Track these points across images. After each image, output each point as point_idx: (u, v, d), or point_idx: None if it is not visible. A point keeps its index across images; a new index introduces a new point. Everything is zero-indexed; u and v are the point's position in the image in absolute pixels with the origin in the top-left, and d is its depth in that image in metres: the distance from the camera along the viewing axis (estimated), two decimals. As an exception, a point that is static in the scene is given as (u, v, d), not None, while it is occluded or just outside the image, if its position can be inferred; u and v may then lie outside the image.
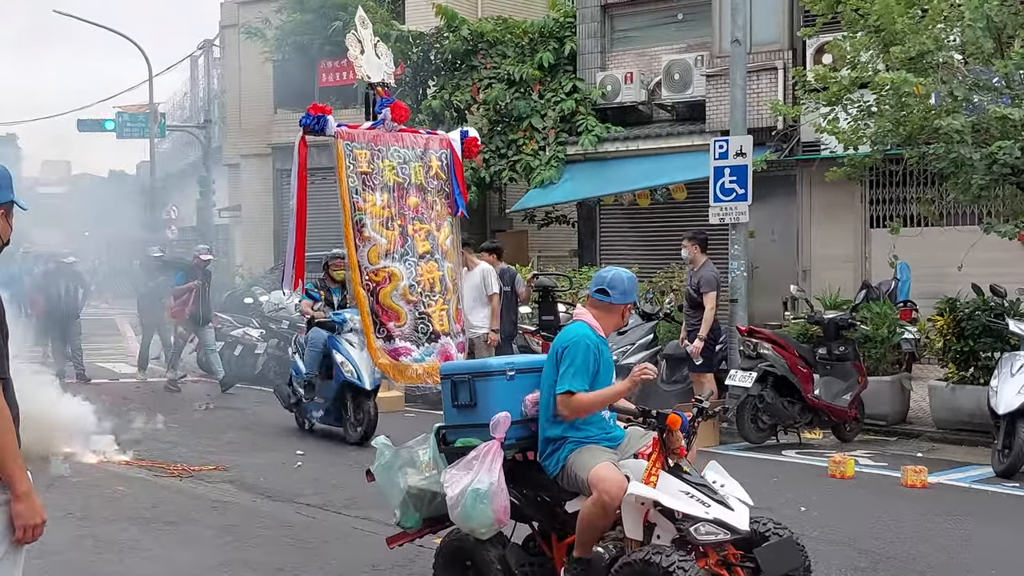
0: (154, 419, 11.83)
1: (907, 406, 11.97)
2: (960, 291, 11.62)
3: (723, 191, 12.32)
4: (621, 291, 5.66)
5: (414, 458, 5.96)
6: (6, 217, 3.83)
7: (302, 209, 6.42)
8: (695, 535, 5.03)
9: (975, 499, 8.61)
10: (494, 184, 19.60)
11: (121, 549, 7.15)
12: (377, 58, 6.76)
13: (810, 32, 12.86)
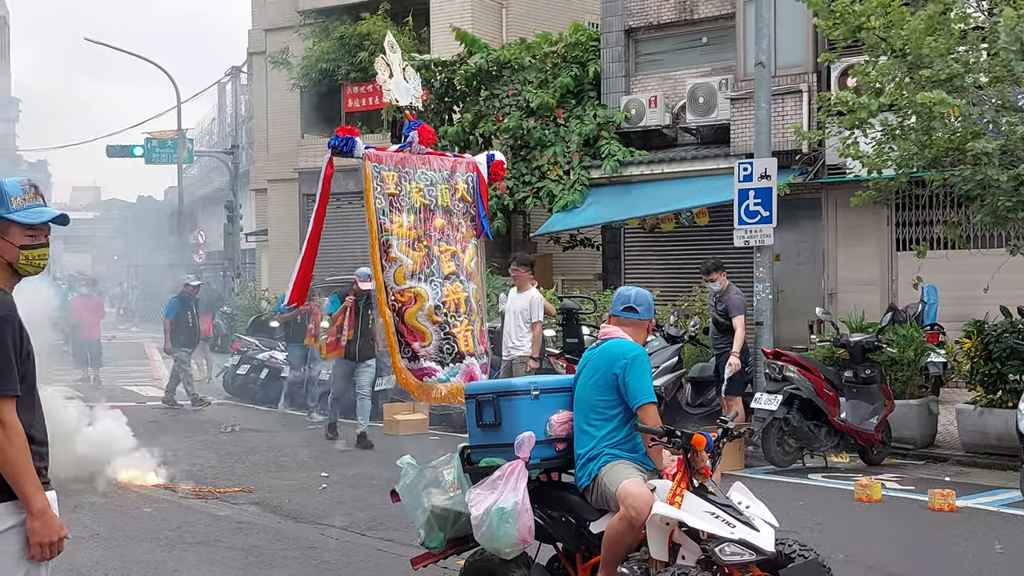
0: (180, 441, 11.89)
1: (935, 429, 11.88)
2: (988, 313, 11.56)
3: (748, 213, 12.32)
4: (646, 307, 5.74)
5: (439, 478, 5.97)
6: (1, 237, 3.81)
7: (317, 230, 6.48)
8: (720, 556, 5.01)
9: (1004, 523, 8.51)
10: (518, 208, 19.65)
11: (146, 570, 7.19)
12: (405, 82, 6.83)
13: (831, 57, 12.87)
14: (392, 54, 6.76)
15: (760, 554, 5.07)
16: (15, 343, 3.71)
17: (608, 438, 5.50)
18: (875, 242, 16.45)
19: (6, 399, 3.64)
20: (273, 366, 16.99)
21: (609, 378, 5.51)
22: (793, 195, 15.69)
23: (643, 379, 5.46)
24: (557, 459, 5.73)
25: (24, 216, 3.76)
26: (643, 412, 5.43)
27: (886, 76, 11.12)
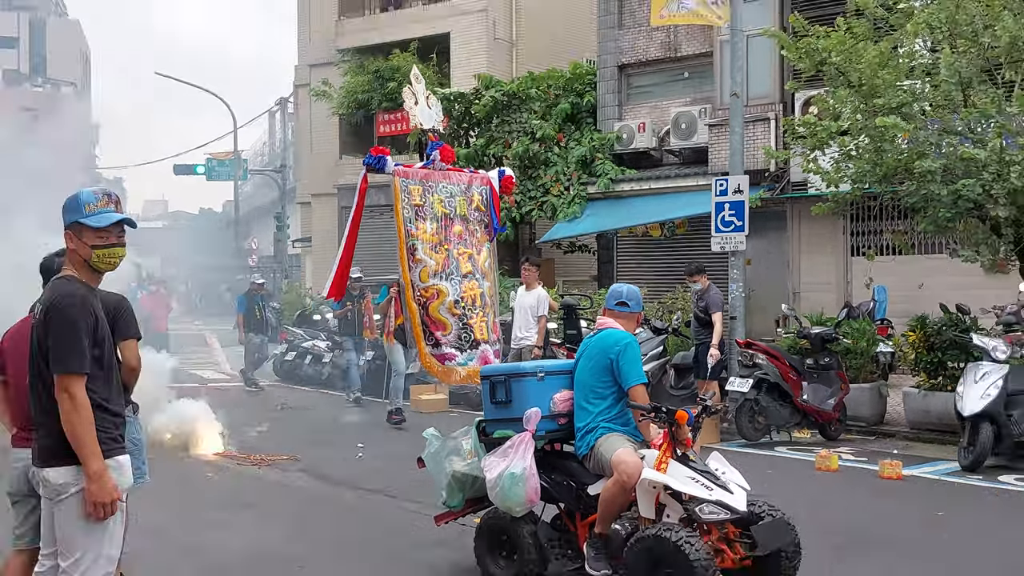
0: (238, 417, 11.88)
1: (884, 409, 11.84)
2: (930, 311, 11.52)
3: (723, 223, 12.31)
4: (636, 301, 5.78)
5: (458, 447, 6.00)
6: (77, 238, 3.82)
7: (353, 235, 6.50)
8: (700, 515, 5.03)
9: (943, 489, 8.49)
10: (524, 219, 19.68)
11: (208, 527, 7.22)
12: (428, 108, 6.84)
13: (796, 86, 12.86)
14: (417, 84, 6.77)
15: (734, 513, 5.08)
16: (89, 328, 3.72)
17: (604, 414, 5.52)
18: (832, 248, 16.43)
19: (77, 376, 3.66)
20: (316, 353, 17.01)
21: (605, 362, 5.52)
22: (762, 208, 15.66)
23: (634, 364, 5.49)
24: (559, 431, 5.76)
25: (93, 220, 3.78)
26: (634, 392, 5.45)
27: (844, 104, 11.10)
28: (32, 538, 4.61)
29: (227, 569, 6.14)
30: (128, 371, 5.33)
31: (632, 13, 19.16)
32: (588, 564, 5.30)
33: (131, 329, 5.30)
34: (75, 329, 3.68)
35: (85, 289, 3.82)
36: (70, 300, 3.73)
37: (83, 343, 3.69)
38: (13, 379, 4.66)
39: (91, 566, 3.76)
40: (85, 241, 3.80)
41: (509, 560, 5.61)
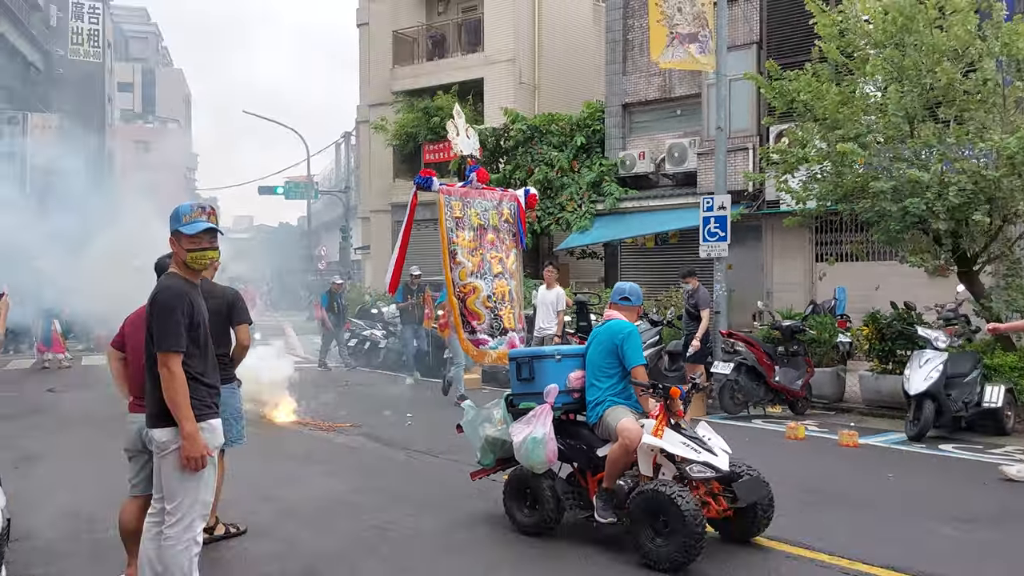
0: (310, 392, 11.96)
1: (843, 389, 11.72)
2: (881, 308, 11.41)
3: (709, 234, 12.23)
4: (637, 296, 5.75)
5: (490, 416, 6.00)
6: (177, 243, 3.91)
7: (405, 241, 6.53)
8: (690, 473, 5.01)
9: (892, 455, 8.39)
10: (544, 231, 19.66)
11: (286, 480, 7.27)
12: (468, 139, 6.86)
13: (771, 121, 12.78)
14: (459, 119, 6.80)
15: (718, 472, 5.06)
16: (184, 313, 3.80)
17: (610, 389, 5.50)
18: (800, 255, 16.29)
19: (173, 353, 3.75)
20: (373, 340, 17.05)
21: (611, 347, 5.51)
22: (742, 222, 15.55)
23: (636, 348, 5.46)
24: (574, 404, 5.75)
25: (187, 228, 3.87)
26: (635, 371, 5.42)
27: (810, 134, 11.01)
28: (145, 487, 4.66)
29: (299, 513, 6.17)
30: (240, 349, 5.42)
31: (634, 61, 19.08)
32: (597, 513, 5.29)
33: (243, 316, 5.40)
34: (171, 315, 3.77)
35: (184, 283, 3.90)
36: (168, 292, 3.83)
37: (179, 326, 3.77)
38: (131, 357, 4.71)
39: (189, 510, 3.82)
40: (182, 245, 3.89)
41: (532, 509, 5.61)
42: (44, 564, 5.02)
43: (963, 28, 9.64)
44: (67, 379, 14.76)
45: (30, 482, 6.82)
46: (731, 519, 5.23)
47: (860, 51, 10.69)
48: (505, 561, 5.13)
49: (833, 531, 5.64)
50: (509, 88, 22.80)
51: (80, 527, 5.70)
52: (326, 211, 49.30)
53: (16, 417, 10.40)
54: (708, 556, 4.96)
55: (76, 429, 9.62)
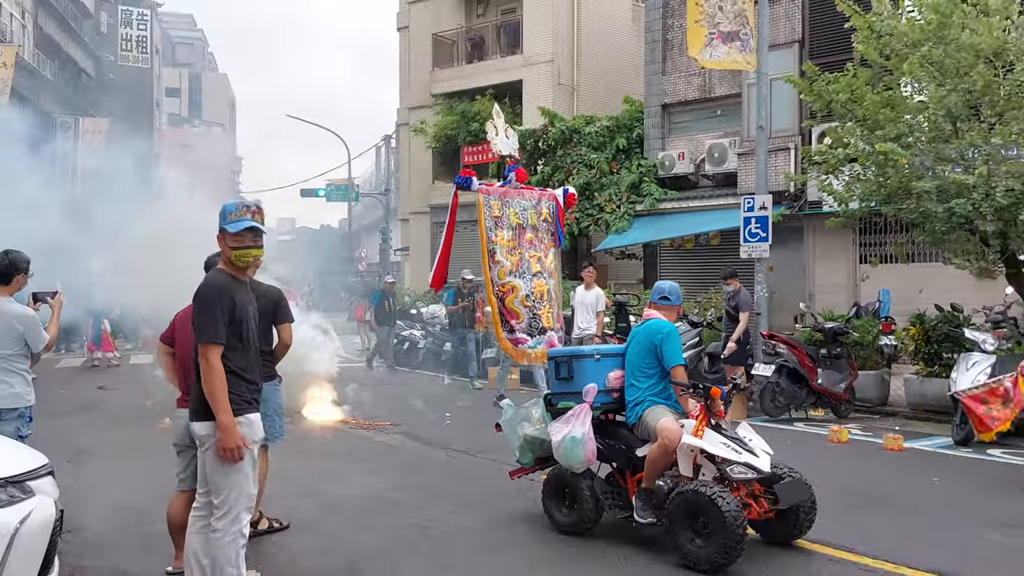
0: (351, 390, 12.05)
1: (887, 393, 11.51)
2: (926, 309, 11.19)
3: (750, 235, 12.10)
4: (676, 296, 5.71)
5: (529, 415, 6.01)
6: (222, 241, 3.95)
7: (448, 240, 6.56)
8: (730, 474, 4.97)
9: (938, 460, 8.22)
10: (583, 233, 19.62)
11: (327, 476, 7.35)
12: (507, 139, 6.87)
13: (811, 124, 12.61)
14: (498, 119, 6.81)
15: (759, 473, 5.01)
16: (224, 308, 3.83)
17: (650, 389, 5.47)
18: (843, 257, 16.02)
19: (212, 345, 3.78)
20: (412, 340, 17.16)
21: (650, 346, 5.48)
22: (784, 224, 15.35)
23: (674, 348, 5.43)
24: (612, 404, 5.73)
25: (231, 227, 3.91)
26: (674, 371, 5.39)
27: (851, 135, 10.84)
28: (192, 481, 4.75)
29: (341, 509, 6.25)
30: (282, 347, 5.50)
31: (673, 61, 18.95)
32: (636, 513, 5.27)
33: (287, 315, 5.48)
34: (211, 308, 3.81)
35: (228, 280, 3.93)
36: (209, 286, 3.89)
37: (217, 320, 3.80)
38: (180, 352, 4.81)
39: (235, 503, 3.88)
40: (227, 243, 3.94)
41: (571, 509, 5.61)
42: (95, 556, 5.15)
43: (996, 30, 9.39)
44: (116, 377, 15.12)
45: (82, 476, 7.00)
46: (772, 521, 5.17)
47: (897, 52, 10.48)
48: (544, 560, 5.14)
49: (877, 535, 5.54)
50: (548, 90, 22.80)
51: (129, 520, 5.84)
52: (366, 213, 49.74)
53: (67, 414, 10.67)
54: (749, 558, 4.91)
55: (125, 425, 9.84)
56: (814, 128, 14.13)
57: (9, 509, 3.62)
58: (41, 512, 3.76)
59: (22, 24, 34.36)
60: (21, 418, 5.16)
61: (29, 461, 4.02)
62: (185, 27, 69.41)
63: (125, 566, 4.98)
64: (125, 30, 46.16)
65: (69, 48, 40.22)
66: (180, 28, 68.17)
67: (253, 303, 4.11)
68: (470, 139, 23.27)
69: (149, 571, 4.89)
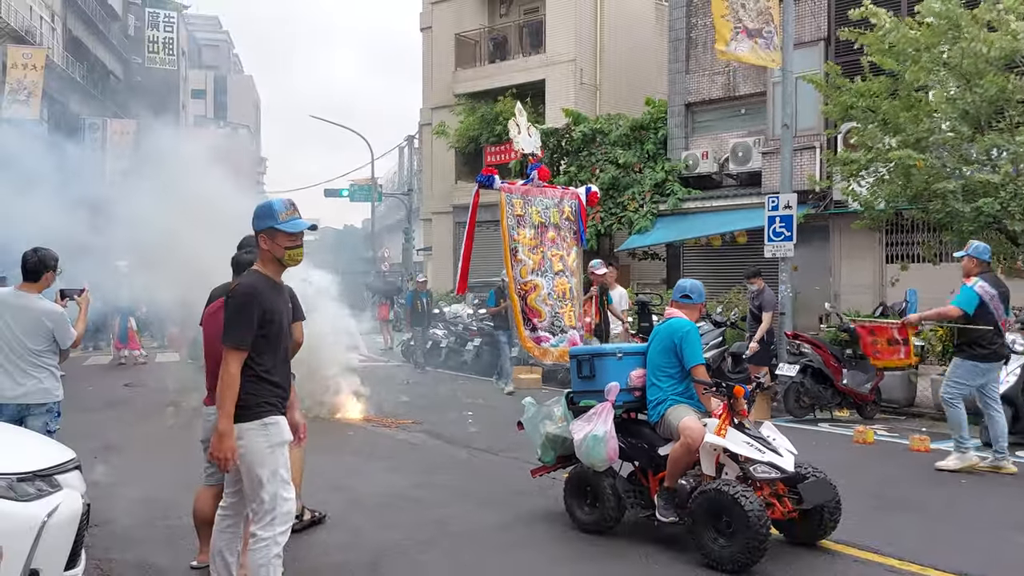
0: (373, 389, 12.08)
1: (914, 393, 11.35)
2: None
3: (775, 234, 12.01)
4: (698, 294, 5.67)
5: (551, 413, 6.00)
6: (271, 240, 3.82)
7: (469, 241, 6.55)
8: (754, 473, 4.93)
9: (967, 462, 8.08)
10: (607, 233, 19.57)
11: (351, 473, 7.40)
12: (529, 136, 6.86)
13: (831, 133, 12.59)
14: (520, 117, 6.80)
15: (783, 473, 4.97)
16: (256, 313, 3.73)
17: (672, 388, 5.45)
18: (870, 256, 15.84)
19: (234, 350, 3.70)
20: (435, 340, 17.21)
21: (670, 345, 5.46)
22: (808, 223, 15.21)
23: (695, 347, 5.39)
24: (635, 402, 5.71)
25: (287, 226, 3.80)
26: (695, 371, 5.37)
27: (873, 139, 10.75)
28: (219, 477, 4.80)
29: (364, 503, 6.28)
30: (294, 345, 5.52)
31: (697, 59, 18.86)
32: (659, 512, 5.25)
33: (298, 313, 5.49)
34: (242, 312, 3.71)
35: (265, 283, 3.83)
36: (245, 290, 3.77)
37: (245, 325, 3.70)
38: (207, 349, 4.85)
39: (269, 507, 3.78)
40: (279, 243, 3.81)
41: (592, 507, 5.60)
42: (121, 549, 5.22)
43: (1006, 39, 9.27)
44: (143, 375, 15.30)
45: (109, 471, 7.09)
46: (796, 521, 5.13)
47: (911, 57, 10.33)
48: (565, 558, 5.13)
49: (903, 536, 5.48)
50: (570, 89, 22.78)
51: (155, 514, 5.91)
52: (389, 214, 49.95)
53: (95, 410, 10.82)
54: (772, 558, 4.87)
55: (152, 421, 9.96)
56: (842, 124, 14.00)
57: (37, 503, 3.68)
58: (68, 506, 3.82)
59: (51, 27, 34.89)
60: (49, 413, 5.25)
61: (57, 455, 4.09)
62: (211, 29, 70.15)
63: (151, 559, 5.04)
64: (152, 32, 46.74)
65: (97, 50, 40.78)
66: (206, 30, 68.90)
67: (287, 304, 4.02)
68: (492, 139, 23.31)
69: (175, 564, 4.94)
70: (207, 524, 4.83)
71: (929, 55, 9.90)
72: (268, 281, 3.86)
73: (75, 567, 3.89)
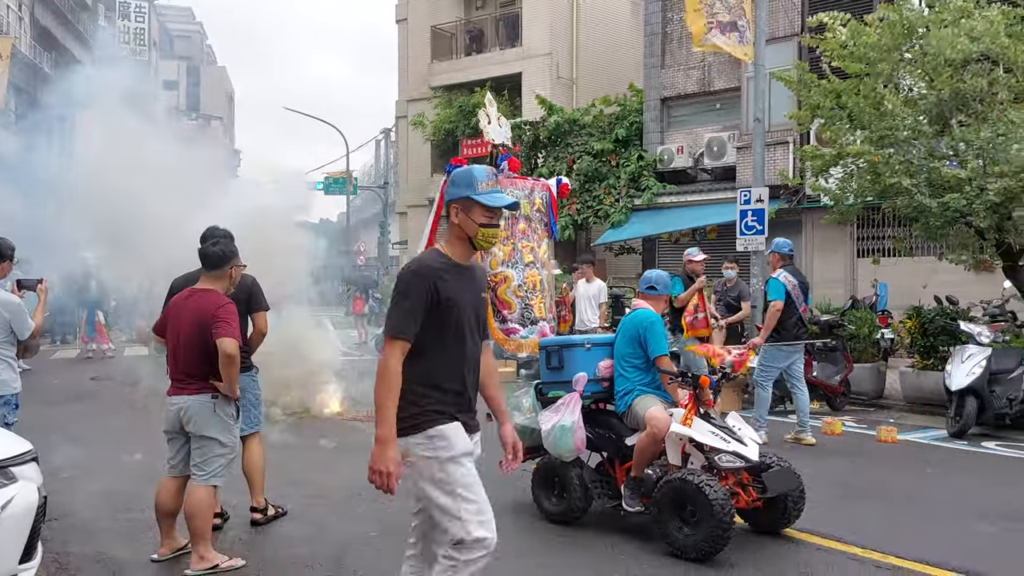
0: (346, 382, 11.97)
1: (883, 385, 11.50)
2: (922, 301, 11.19)
3: (747, 227, 12.08)
4: (664, 285, 5.71)
5: (520, 404, 5.99)
6: (464, 213, 3.18)
7: (434, 228, 6.53)
8: (719, 462, 4.97)
9: (932, 452, 8.21)
10: (583, 225, 19.61)
11: (318, 467, 7.34)
12: (500, 127, 6.86)
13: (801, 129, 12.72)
14: (491, 108, 6.80)
15: (748, 462, 5.00)
16: (424, 298, 3.08)
17: (638, 379, 5.47)
18: (841, 250, 16.03)
19: (396, 340, 3.06)
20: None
21: (635, 336, 5.49)
22: (781, 218, 15.36)
23: (658, 338, 5.41)
24: (602, 393, 5.72)
25: (487, 199, 3.18)
26: (659, 361, 5.39)
27: (841, 135, 10.86)
28: (183, 468, 4.78)
29: (328, 497, 6.25)
30: (257, 335, 5.50)
31: (673, 54, 18.94)
32: (625, 501, 5.27)
33: (262, 303, 5.45)
34: (407, 296, 3.09)
35: (445, 263, 3.18)
36: (413, 267, 3.16)
37: (409, 311, 3.07)
38: (171, 340, 4.79)
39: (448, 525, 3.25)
40: (473, 218, 3.17)
41: (560, 497, 5.61)
42: (81, 543, 5.15)
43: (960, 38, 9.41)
44: (110, 368, 15.11)
45: (70, 463, 6.99)
46: (760, 510, 5.17)
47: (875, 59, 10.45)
48: (531, 549, 5.13)
49: (867, 525, 5.54)
50: (546, 83, 22.78)
51: (117, 507, 5.84)
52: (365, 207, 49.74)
53: (58, 403, 10.67)
54: (737, 547, 4.91)
55: (116, 415, 9.84)
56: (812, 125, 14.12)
57: (-9, 494, 3.62)
58: (24, 498, 3.75)
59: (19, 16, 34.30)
60: (7, 405, 5.16)
61: (12, 447, 4.01)
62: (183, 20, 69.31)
63: (111, 552, 4.97)
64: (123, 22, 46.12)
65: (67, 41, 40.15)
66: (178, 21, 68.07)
67: (474, 292, 3.30)
68: (469, 132, 23.25)
69: (135, 558, 4.88)
70: (169, 516, 4.80)
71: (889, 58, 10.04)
72: (447, 262, 3.19)
73: (31, 560, 3.83)
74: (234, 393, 4.69)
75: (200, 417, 4.65)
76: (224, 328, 4.57)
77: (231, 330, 4.58)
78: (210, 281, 4.81)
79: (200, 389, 4.66)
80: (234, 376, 4.61)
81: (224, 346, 4.51)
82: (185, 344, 4.67)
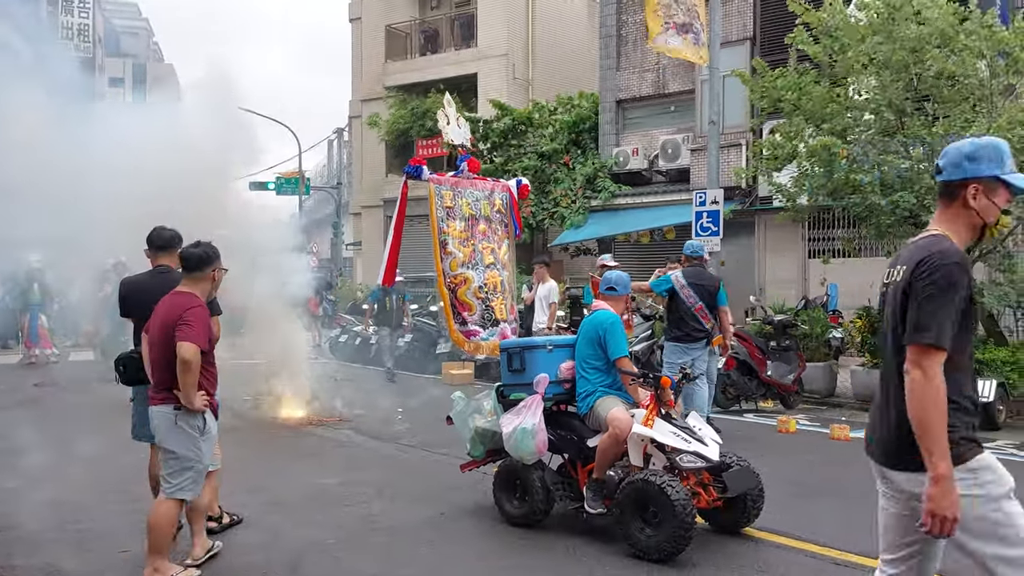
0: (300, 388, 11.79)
1: (835, 384, 11.74)
2: (871, 301, 11.43)
3: (702, 229, 12.24)
4: (623, 286, 5.73)
5: (480, 407, 5.97)
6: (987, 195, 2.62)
7: (398, 232, 6.46)
8: (680, 463, 4.99)
9: (885, 449, 8.37)
10: (539, 227, 19.65)
11: (273, 473, 7.23)
12: (459, 128, 6.82)
13: (757, 123, 12.88)
14: (449, 108, 6.75)
15: (708, 462, 5.04)
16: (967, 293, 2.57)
17: (600, 380, 5.48)
18: (793, 251, 16.31)
19: (936, 351, 2.48)
20: (364, 336, 16.98)
21: (595, 337, 5.50)
22: (735, 219, 15.56)
23: (618, 338, 5.43)
24: (564, 394, 5.72)
25: (1017, 180, 2.58)
26: (619, 362, 5.41)
27: (799, 130, 11.04)
28: None
29: (285, 503, 6.14)
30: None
31: (628, 56, 19.07)
32: (587, 503, 5.27)
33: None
34: (948, 296, 2.51)
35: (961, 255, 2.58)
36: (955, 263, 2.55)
37: (949, 315, 2.51)
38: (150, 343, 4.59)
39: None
40: (996, 202, 2.61)
41: (521, 500, 5.59)
42: (27, 554, 4.97)
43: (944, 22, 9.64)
44: (54, 374, 14.64)
45: (14, 474, 6.76)
46: (721, 509, 5.22)
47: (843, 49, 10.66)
48: (492, 552, 5.11)
49: (824, 522, 5.63)
50: (502, 83, 22.77)
51: (65, 517, 5.65)
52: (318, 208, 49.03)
53: (1, 410, 10.30)
54: (698, 546, 4.95)
55: (61, 422, 9.53)
56: (764, 124, 14.34)
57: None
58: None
59: (-45, 8, 33.17)
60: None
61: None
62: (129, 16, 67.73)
63: (59, 564, 4.81)
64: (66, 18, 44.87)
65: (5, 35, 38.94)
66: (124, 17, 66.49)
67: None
68: (424, 133, 23.15)
69: (84, 569, 4.73)
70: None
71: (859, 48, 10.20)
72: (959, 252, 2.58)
73: (-27, 574, 3.68)
74: (191, 403, 4.38)
75: (161, 429, 4.47)
76: (184, 331, 4.30)
77: (192, 334, 4.31)
78: (191, 284, 4.60)
79: (164, 400, 4.45)
80: (190, 384, 4.33)
81: (180, 351, 4.28)
82: (152, 348, 4.52)
